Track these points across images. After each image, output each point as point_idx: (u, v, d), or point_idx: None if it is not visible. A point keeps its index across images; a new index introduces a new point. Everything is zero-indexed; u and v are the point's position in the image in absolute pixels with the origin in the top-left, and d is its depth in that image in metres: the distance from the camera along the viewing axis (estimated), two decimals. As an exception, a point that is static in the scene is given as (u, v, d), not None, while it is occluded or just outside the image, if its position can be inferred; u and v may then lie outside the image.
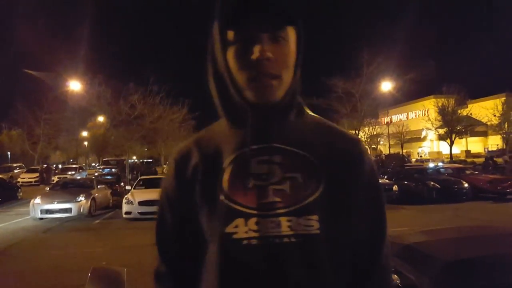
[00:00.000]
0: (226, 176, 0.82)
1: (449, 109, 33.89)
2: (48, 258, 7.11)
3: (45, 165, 32.93)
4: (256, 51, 0.78)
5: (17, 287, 5.40)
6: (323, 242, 0.78)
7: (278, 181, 0.80)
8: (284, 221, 0.77)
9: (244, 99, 0.83)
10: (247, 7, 0.79)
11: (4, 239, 8.93)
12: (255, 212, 0.78)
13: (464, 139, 39.53)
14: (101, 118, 29.50)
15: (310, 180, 0.81)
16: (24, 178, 27.64)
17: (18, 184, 22.24)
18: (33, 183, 27.10)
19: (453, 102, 34.25)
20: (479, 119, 35.98)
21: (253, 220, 0.78)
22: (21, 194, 18.52)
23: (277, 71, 0.80)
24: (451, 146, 33.84)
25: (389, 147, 38.65)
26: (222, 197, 0.81)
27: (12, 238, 9.05)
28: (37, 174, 28.48)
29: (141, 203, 11.15)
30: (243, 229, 0.78)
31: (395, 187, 13.65)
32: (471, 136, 38.96)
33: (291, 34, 0.83)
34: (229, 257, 0.78)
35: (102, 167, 32.03)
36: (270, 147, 0.82)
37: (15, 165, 33.98)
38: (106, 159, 35.50)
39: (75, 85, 23.55)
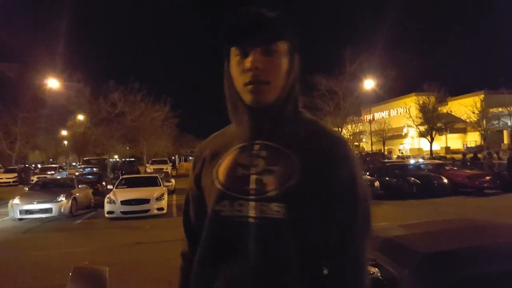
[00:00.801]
0: (222, 166, 1.01)
1: (429, 106, 34.60)
2: (29, 258, 6.95)
3: (23, 165, 32.07)
4: (248, 62, 0.95)
5: (-4, 289, 5.26)
6: (288, 226, 0.90)
7: (259, 172, 0.96)
8: (258, 205, 0.93)
9: (242, 101, 1.00)
10: (244, 27, 0.97)
11: (-18, 241, 8.70)
12: (238, 195, 0.95)
13: (444, 136, 40.42)
14: (81, 117, 28.85)
15: (285, 174, 0.94)
16: (2, 179, 26.91)
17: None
18: (11, 183, 26.38)
19: (434, 99, 35.01)
20: (459, 116, 36.83)
21: (237, 202, 0.95)
22: (-2, 194, 18.05)
23: (267, 78, 0.96)
24: (431, 142, 34.58)
25: (372, 145, 39.25)
26: (216, 182, 0.99)
27: (-10, 239, 8.83)
28: (15, 174, 27.70)
29: (123, 203, 11.00)
30: (229, 209, 0.95)
31: (376, 183, 13.89)
32: (450, 133, 39.83)
33: (283, 47, 0.98)
34: (215, 229, 0.97)
35: (83, 166, 31.40)
36: (260, 143, 0.99)
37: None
38: (87, 158, 34.80)
39: (53, 83, 22.92)
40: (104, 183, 16.68)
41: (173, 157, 38.96)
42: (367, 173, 16.35)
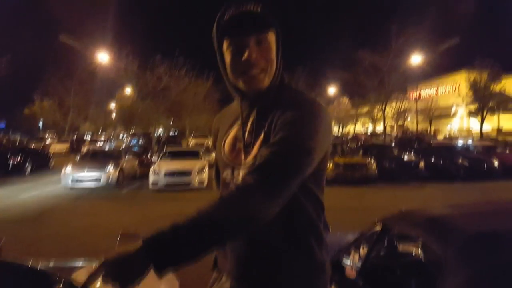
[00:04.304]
0: (226, 141, 1.23)
1: (481, 84, 32.14)
2: (79, 224, 7.47)
3: (76, 136, 34.19)
4: (244, 53, 1.07)
5: (51, 250, 5.67)
6: None
7: (247, 145, 1.15)
8: (243, 173, 1.12)
9: (237, 89, 1.17)
10: (238, 20, 1.07)
11: (38, 205, 9.42)
12: (236, 165, 1.17)
13: (496, 116, 37.74)
14: (128, 90, 29.88)
15: (263, 145, 1.09)
16: (55, 148, 28.80)
17: (50, 154, 23.20)
18: (63, 153, 28.24)
19: (486, 76, 32.39)
20: (514, 95, 34.02)
21: (236, 171, 1.17)
22: (52, 163, 19.26)
23: (261, 66, 1.09)
24: (481, 123, 32.43)
25: (417, 124, 37.47)
26: (222, 154, 1.22)
27: (46, 204, 9.54)
28: (68, 145, 29.63)
29: (167, 174, 11.43)
30: (230, 176, 1.19)
31: (421, 164, 13.38)
32: (503, 113, 37.08)
33: (271, 36, 1.11)
34: (223, 192, 1.22)
35: (129, 138, 32.86)
36: (252, 121, 1.16)
37: (47, 134, 35.40)
38: (133, 132, 36.32)
39: (103, 57, 23.73)
40: (149, 155, 17.35)
41: (213, 132, 39.54)
42: (412, 153, 15.76)
